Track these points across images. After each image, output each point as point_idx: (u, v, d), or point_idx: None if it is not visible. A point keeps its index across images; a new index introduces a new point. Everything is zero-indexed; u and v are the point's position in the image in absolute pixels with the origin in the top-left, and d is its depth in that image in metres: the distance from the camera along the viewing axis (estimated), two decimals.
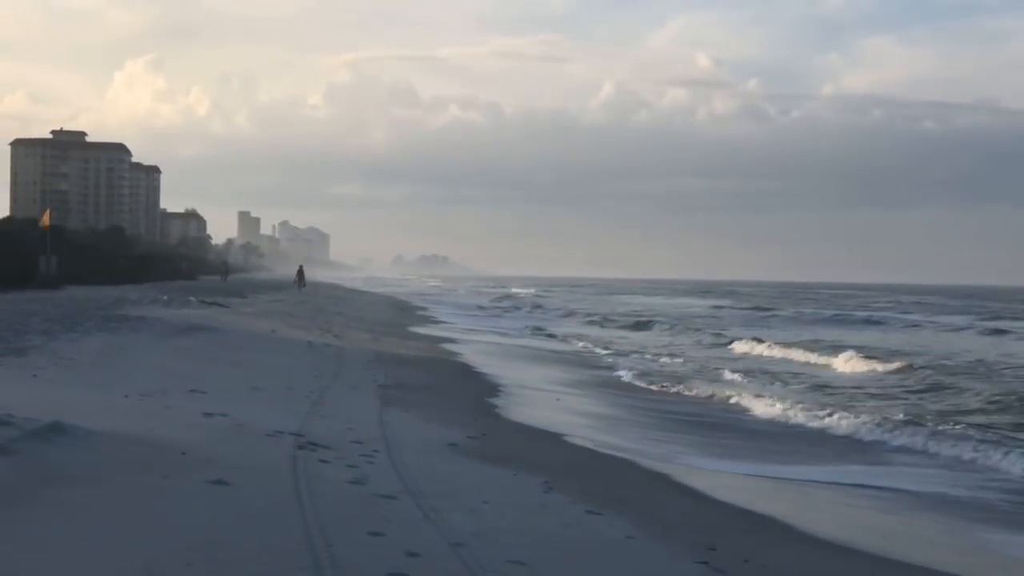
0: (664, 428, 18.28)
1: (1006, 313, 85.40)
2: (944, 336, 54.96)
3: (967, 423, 19.18)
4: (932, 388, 26.75)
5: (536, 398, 20.73)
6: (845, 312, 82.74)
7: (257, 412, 13.46)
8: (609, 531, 8.93)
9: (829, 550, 9.87)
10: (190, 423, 11.72)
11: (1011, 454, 15.88)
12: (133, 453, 9.29)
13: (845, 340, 45.55)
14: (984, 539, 11.30)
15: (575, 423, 17.49)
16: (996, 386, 26.65)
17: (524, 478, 11.12)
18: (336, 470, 9.92)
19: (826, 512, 11.95)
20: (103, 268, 68.40)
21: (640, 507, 10.51)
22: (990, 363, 35.45)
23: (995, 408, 22.40)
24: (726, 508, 11.40)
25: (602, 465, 13.47)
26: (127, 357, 18.90)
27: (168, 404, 13.38)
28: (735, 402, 22.26)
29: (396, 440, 12.52)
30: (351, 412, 14.79)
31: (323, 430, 12.44)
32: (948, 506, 12.87)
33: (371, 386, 18.92)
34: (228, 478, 8.68)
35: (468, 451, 12.65)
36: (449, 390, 20.48)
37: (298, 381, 18.10)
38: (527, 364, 30.26)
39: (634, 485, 12.17)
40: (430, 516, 8.36)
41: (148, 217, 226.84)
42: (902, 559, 9.78)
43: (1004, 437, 17.64)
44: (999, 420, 20.34)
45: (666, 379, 26.80)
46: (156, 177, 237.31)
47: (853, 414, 20.07)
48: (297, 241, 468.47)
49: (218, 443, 10.53)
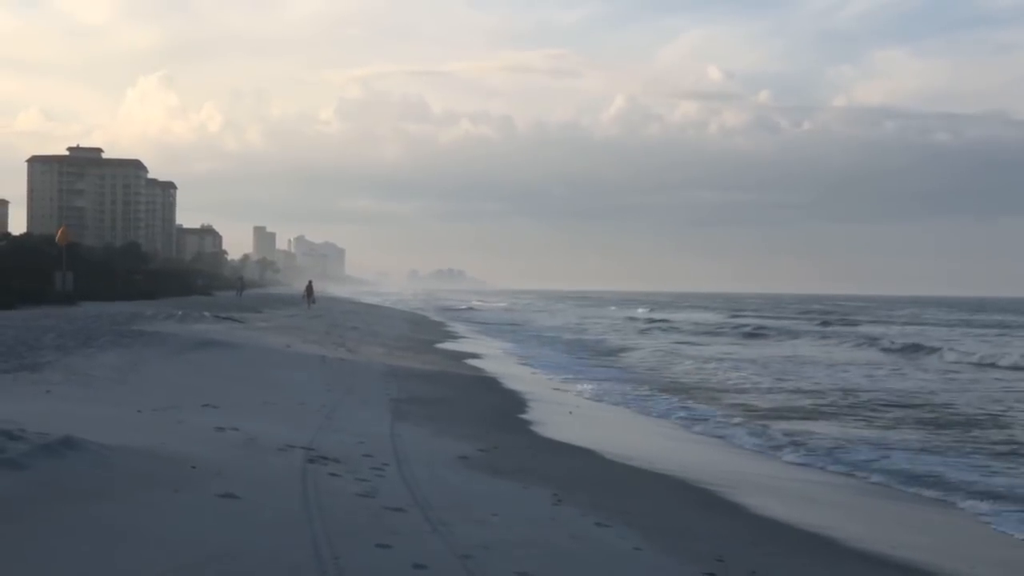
0: (676, 430, 18.28)
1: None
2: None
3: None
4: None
5: (549, 411, 20.72)
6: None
7: (269, 426, 13.52)
8: (618, 543, 8.95)
9: (842, 558, 9.87)
10: (201, 437, 11.78)
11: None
12: (144, 467, 9.35)
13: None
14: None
15: (589, 435, 17.49)
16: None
17: (534, 491, 11.15)
18: (345, 483, 9.97)
19: (842, 519, 11.89)
20: (118, 284, 68.79)
21: (650, 518, 10.51)
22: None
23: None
24: (736, 517, 11.39)
25: (614, 475, 13.47)
26: (140, 372, 18.99)
27: (180, 419, 13.44)
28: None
29: (406, 453, 12.56)
30: (362, 426, 14.84)
31: (334, 444, 12.49)
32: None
33: (383, 400, 18.97)
34: (238, 491, 8.74)
35: (478, 464, 12.68)
36: (462, 404, 20.51)
37: (310, 396, 18.16)
38: (540, 376, 30.25)
39: (646, 495, 12.17)
40: (438, 529, 8.39)
41: (164, 233, 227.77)
42: (926, 567, 9.77)
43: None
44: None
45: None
46: (172, 193, 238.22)
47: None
48: (313, 256, 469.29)
49: (229, 457, 10.59)
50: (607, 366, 36.35)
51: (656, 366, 36.83)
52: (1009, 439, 19.21)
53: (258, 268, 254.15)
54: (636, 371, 34.32)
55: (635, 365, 37.32)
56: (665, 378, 31.63)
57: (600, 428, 19.09)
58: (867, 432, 19.76)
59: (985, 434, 19.83)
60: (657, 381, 30.12)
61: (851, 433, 19.53)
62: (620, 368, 35.62)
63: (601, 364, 37.22)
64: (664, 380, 30.73)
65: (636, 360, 39.93)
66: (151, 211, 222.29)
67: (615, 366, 36.57)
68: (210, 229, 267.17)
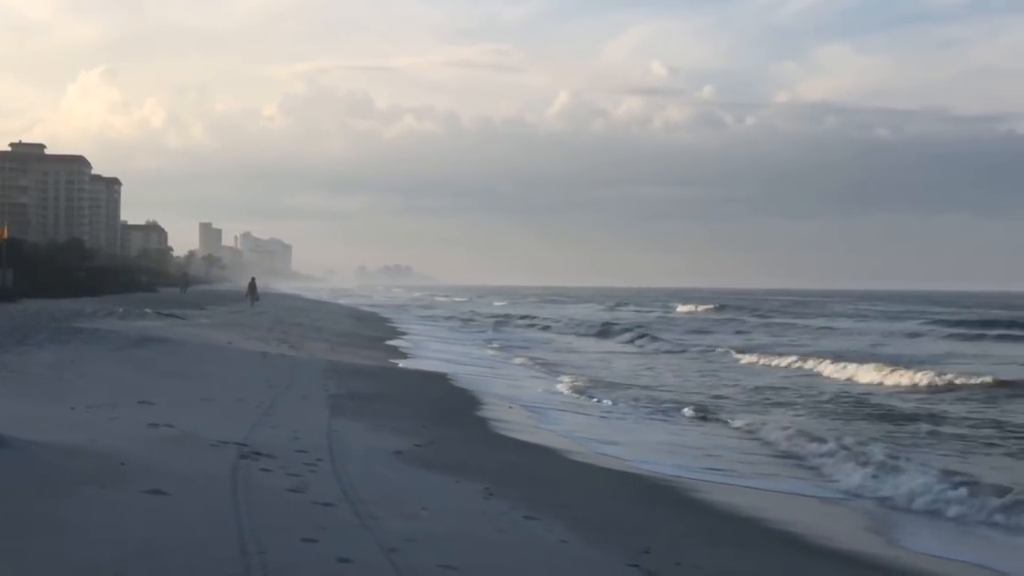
0: (619, 428, 18.42)
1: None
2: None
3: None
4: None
5: (490, 405, 20.80)
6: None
7: (205, 422, 13.49)
8: (544, 535, 9.05)
9: (762, 550, 10.03)
10: (134, 434, 11.76)
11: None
12: (72, 464, 9.33)
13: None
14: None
15: (528, 428, 17.60)
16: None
17: (466, 485, 11.22)
18: (277, 479, 10.00)
19: (767, 512, 12.06)
20: (61, 281, 67.96)
21: (579, 511, 10.63)
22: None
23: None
24: (665, 510, 11.53)
25: (548, 470, 13.59)
26: (78, 370, 18.86)
27: (114, 415, 13.40)
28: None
29: (341, 449, 12.60)
30: (299, 422, 14.83)
31: (269, 439, 12.49)
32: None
33: (322, 396, 18.96)
34: (166, 488, 8.74)
35: (413, 459, 12.73)
36: (401, 399, 20.52)
37: (250, 392, 18.11)
38: (483, 373, 30.35)
39: (578, 489, 12.29)
40: (366, 523, 8.45)
41: (108, 229, 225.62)
42: (845, 553, 9.96)
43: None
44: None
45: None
46: (116, 189, 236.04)
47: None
48: (259, 252, 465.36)
49: (160, 453, 10.59)
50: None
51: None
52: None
53: (204, 264, 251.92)
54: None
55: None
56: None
57: (536, 422, 19.18)
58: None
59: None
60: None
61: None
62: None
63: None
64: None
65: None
66: (95, 207, 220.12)
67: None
68: (155, 225, 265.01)
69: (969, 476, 13.88)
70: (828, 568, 9.68)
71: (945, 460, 15.69)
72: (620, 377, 30.97)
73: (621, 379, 30.10)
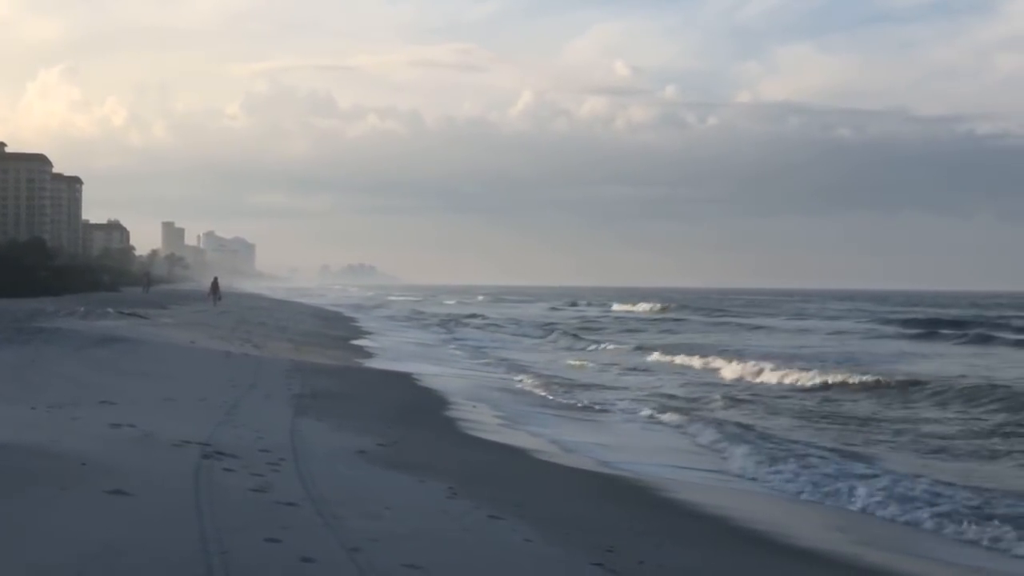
0: (576, 428, 18.47)
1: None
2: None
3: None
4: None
5: (455, 405, 20.80)
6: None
7: (167, 422, 13.40)
8: (508, 535, 9.05)
9: (727, 548, 10.09)
10: (95, 434, 11.68)
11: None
12: (31, 465, 9.26)
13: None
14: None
15: (491, 427, 17.62)
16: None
17: (430, 484, 11.20)
18: (240, 478, 9.96)
19: (729, 510, 12.13)
20: (22, 280, 67.29)
21: (544, 510, 10.64)
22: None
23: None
24: (629, 509, 11.57)
25: (513, 469, 13.60)
26: (38, 369, 18.72)
27: (76, 416, 13.30)
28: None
29: (305, 448, 12.56)
30: (263, 421, 14.77)
31: (232, 439, 12.43)
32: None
33: (286, 395, 18.88)
34: (127, 488, 8.70)
35: (377, 458, 12.70)
36: (365, 399, 20.47)
37: (213, 391, 18.02)
38: (445, 372, 30.35)
39: (543, 488, 12.31)
40: (330, 522, 8.42)
41: (70, 229, 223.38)
42: (806, 549, 10.03)
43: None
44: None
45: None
46: (78, 188, 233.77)
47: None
48: (223, 251, 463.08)
49: (121, 454, 10.52)
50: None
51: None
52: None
53: (166, 264, 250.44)
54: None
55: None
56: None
57: (498, 419, 19.20)
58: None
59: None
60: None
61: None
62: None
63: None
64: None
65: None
66: (56, 206, 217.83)
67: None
68: (117, 225, 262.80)
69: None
70: (787, 564, 9.75)
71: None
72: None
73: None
